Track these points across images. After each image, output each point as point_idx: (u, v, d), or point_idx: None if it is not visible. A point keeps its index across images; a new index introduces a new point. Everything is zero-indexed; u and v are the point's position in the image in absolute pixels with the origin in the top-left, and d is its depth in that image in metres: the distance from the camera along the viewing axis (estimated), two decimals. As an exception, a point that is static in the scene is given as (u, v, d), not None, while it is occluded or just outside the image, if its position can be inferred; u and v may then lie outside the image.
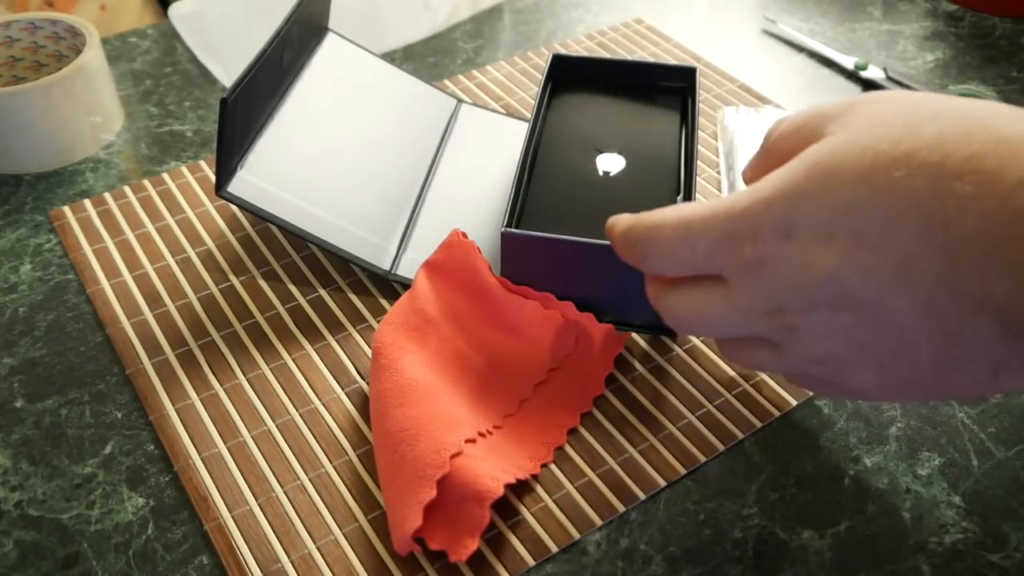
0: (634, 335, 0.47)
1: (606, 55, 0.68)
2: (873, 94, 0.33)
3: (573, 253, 0.44)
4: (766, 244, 0.31)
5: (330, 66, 0.56)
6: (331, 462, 0.41)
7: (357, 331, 0.47)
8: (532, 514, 0.39)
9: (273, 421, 0.43)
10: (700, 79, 0.53)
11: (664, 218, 0.34)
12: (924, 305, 0.29)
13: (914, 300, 0.29)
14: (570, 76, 0.55)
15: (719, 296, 0.33)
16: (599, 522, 0.39)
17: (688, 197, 0.46)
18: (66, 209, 0.55)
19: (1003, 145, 0.28)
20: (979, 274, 0.28)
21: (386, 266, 0.49)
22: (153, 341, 0.47)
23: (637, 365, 0.46)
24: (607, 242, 0.44)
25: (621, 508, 0.40)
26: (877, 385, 0.32)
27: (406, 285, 0.49)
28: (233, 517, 0.39)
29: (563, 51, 0.56)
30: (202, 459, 0.41)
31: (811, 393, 0.44)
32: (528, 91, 0.64)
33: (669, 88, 0.54)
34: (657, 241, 0.34)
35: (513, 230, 0.44)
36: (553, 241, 0.44)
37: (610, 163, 0.49)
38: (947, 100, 0.31)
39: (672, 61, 0.66)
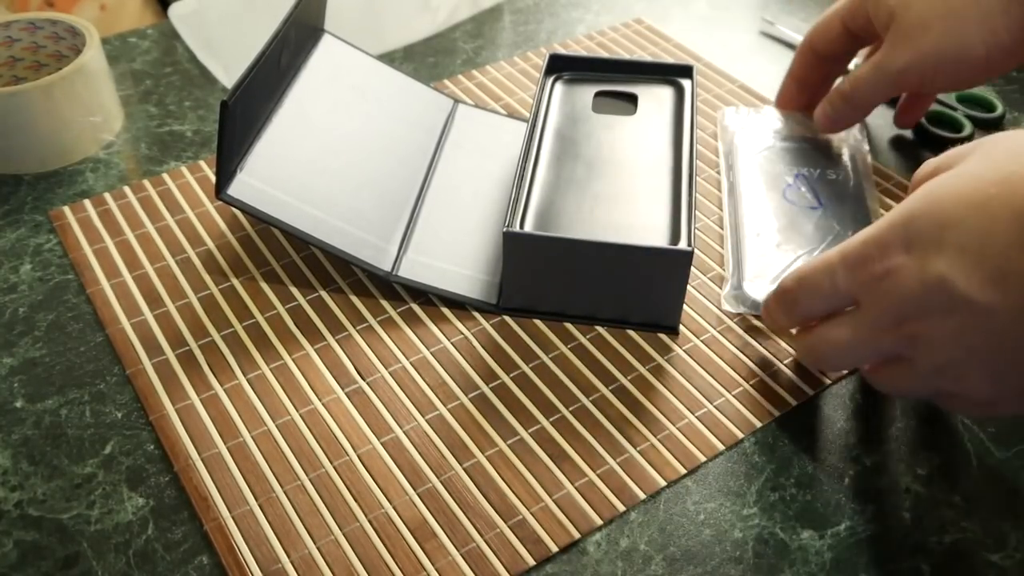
0: (634, 335, 0.47)
1: (605, 55, 0.68)
2: (998, 135, 0.37)
3: (575, 252, 0.44)
4: (891, 259, 0.36)
5: (326, 67, 0.56)
6: (331, 462, 0.41)
7: (357, 331, 0.47)
8: (532, 514, 0.39)
9: (273, 421, 0.43)
10: (699, 78, 0.53)
11: (806, 264, 0.40)
12: (1019, 307, 0.33)
13: (1009, 302, 0.33)
14: (569, 76, 0.55)
15: (851, 319, 0.38)
16: (599, 522, 0.39)
17: (689, 197, 0.46)
18: (66, 209, 0.55)
19: None
20: None
21: (387, 267, 0.49)
22: (153, 341, 0.47)
23: (637, 365, 0.46)
24: (609, 241, 0.44)
25: (621, 508, 0.40)
26: (994, 392, 0.35)
27: (407, 286, 0.49)
28: (233, 517, 0.39)
29: (563, 51, 0.56)
30: (202, 459, 0.41)
31: (811, 392, 0.44)
32: (528, 91, 0.64)
33: (668, 88, 0.54)
34: (804, 280, 0.40)
35: (516, 230, 0.44)
36: (556, 240, 0.44)
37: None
38: None
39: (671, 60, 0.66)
